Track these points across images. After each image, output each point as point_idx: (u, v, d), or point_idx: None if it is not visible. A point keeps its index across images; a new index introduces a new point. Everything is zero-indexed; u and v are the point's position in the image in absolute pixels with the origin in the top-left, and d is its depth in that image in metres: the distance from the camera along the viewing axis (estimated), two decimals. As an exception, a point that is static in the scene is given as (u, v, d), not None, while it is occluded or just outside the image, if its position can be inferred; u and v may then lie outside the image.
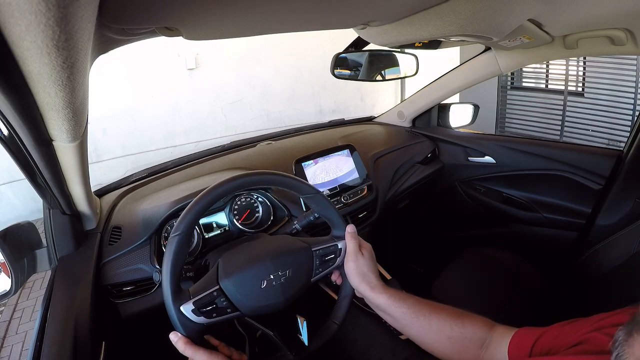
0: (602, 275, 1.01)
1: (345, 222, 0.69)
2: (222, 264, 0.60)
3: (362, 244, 0.68)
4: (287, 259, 0.62)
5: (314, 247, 0.65)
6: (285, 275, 0.60)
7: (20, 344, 2.02)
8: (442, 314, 0.58)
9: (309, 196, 0.66)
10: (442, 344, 0.57)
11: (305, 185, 0.66)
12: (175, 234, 0.55)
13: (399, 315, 0.60)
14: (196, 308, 0.54)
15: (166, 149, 3.74)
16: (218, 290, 0.56)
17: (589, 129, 3.54)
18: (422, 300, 0.61)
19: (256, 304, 0.58)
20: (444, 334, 0.56)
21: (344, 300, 0.68)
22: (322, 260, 0.65)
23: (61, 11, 0.24)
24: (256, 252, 0.63)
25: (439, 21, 0.62)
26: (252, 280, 0.58)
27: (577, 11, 0.73)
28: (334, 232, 0.69)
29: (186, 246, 0.57)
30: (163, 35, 0.51)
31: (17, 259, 0.64)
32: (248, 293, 0.58)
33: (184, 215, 0.56)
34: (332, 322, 0.68)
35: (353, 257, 0.65)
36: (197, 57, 3.68)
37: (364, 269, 0.65)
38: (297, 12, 0.54)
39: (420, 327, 0.59)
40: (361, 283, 0.64)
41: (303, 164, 1.03)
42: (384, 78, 1.21)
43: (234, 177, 0.60)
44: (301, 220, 0.75)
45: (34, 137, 0.44)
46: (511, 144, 1.34)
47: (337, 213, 0.68)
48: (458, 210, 1.53)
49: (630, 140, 1.10)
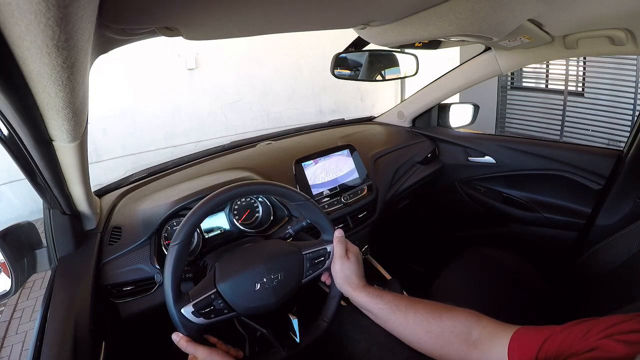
0: (602, 275, 1.01)
1: (333, 227, 0.73)
2: (219, 268, 0.64)
3: (349, 248, 0.72)
4: (279, 263, 0.66)
5: (305, 251, 0.69)
6: (277, 278, 0.64)
7: (20, 344, 2.02)
8: (419, 308, 0.60)
9: (299, 203, 0.70)
10: (421, 338, 0.58)
11: (296, 193, 0.70)
12: (174, 243, 0.59)
13: (377, 311, 0.63)
14: (196, 310, 0.58)
15: (166, 149, 3.74)
16: (215, 293, 0.60)
17: (589, 129, 3.54)
18: (401, 296, 0.64)
19: (250, 305, 0.62)
20: (422, 328, 0.58)
21: (333, 299, 0.72)
22: (312, 263, 0.69)
23: (61, 11, 0.24)
24: (250, 256, 0.67)
25: (439, 21, 0.62)
26: (246, 283, 0.62)
27: (577, 11, 0.73)
28: (324, 236, 0.73)
29: (185, 253, 0.61)
30: (163, 35, 0.51)
31: (17, 259, 0.64)
32: (243, 295, 0.62)
33: (182, 225, 0.60)
34: (322, 321, 0.72)
35: (339, 260, 0.70)
36: (197, 57, 3.68)
37: (347, 272, 0.69)
38: (297, 12, 0.54)
39: (397, 322, 0.61)
40: (344, 284, 0.69)
41: (303, 164, 1.03)
42: (384, 78, 1.21)
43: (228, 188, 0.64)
44: (294, 226, 0.79)
45: (34, 137, 0.44)
46: (511, 144, 1.34)
47: (327, 218, 0.73)
48: (458, 210, 1.53)
49: (630, 140, 1.10)
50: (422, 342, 0.58)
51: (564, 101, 3.68)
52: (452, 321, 0.56)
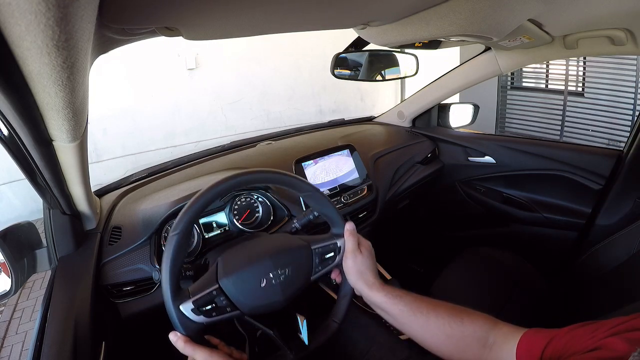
0: (602, 275, 1.01)
1: (344, 220, 0.68)
2: (222, 262, 0.60)
3: (361, 242, 0.67)
4: (286, 258, 0.61)
5: (314, 245, 0.65)
6: (284, 273, 0.60)
7: (20, 344, 2.02)
8: (440, 311, 0.57)
9: (307, 194, 0.66)
10: (442, 342, 0.56)
11: (303, 183, 0.66)
12: (173, 232, 0.55)
13: (396, 313, 0.59)
14: (196, 307, 0.54)
15: (166, 149, 3.73)
16: (217, 289, 0.56)
17: (589, 129, 3.54)
18: (421, 298, 0.60)
19: (256, 303, 0.58)
20: (443, 332, 0.55)
21: (344, 298, 0.68)
22: (322, 259, 0.65)
23: (61, 11, 0.24)
24: (256, 250, 0.62)
25: (439, 21, 0.62)
26: (251, 279, 0.58)
27: (577, 11, 0.73)
28: (333, 230, 0.68)
29: (185, 245, 0.57)
30: (163, 35, 0.51)
31: (17, 259, 0.64)
32: (248, 292, 0.58)
33: (182, 214, 0.56)
34: (332, 321, 0.67)
35: (351, 254, 0.65)
36: (197, 57, 3.69)
37: (361, 267, 0.64)
38: (297, 12, 0.54)
39: (418, 325, 0.58)
40: (358, 281, 0.64)
41: (303, 164, 1.03)
42: (384, 78, 1.21)
43: (232, 176, 0.59)
44: (301, 219, 0.75)
45: (34, 137, 0.44)
46: (511, 144, 1.34)
47: (336, 210, 0.68)
48: (458, 210, 1.53)
49: (630, 140, 1.10)
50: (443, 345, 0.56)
51: (564, 101, 3.68)
52: (472, 325, 0.54)
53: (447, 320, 0.55)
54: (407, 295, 0.60)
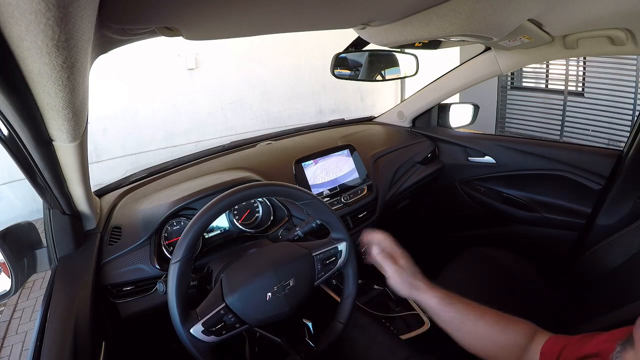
0: (602, 275, 1.01)
1: (343, 225, 0.69)
2: (226, 279, 0.60)
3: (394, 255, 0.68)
4: (289, 268, 0.62)
5: (314, 252, 0.66)
6: (288, 285, 0.61)
7: (20, 344, 2.02)
8: (487, 319, 0.60)
9: (305, 202, 0.67)
10: (486, 347, 0.60)
11: (301, 192, 0.66)
12: (175, 260, 0.56)
13: (447, 319, 0.62)
14: (205, 328, 0.55)
15: (166, 149, 3.74)
16: (225, 307, 0.57)
17: (589, 129, 3.54)
18: (469, 304, 0.63)
19: (263, 316, 0.59)
20: (489, 339, 0.59)
21: (348, 299, 0.69)
22: (324, 264, 0.66)
23: (61, 11, 0.24)
24: (258, 264, 0.63)
25: (439, 21, 0.62)
26: (257, 294, 0.59)
27: (577, 11, 0.73)
28: (333, 234, 0.70)
29: (188, 270, 0.57)
30: (163, 35, 0.51)
31: (17, 259, 0.64)
32: (254, 306, 0.59)
33: (182, 240, 0.57)
34: (337, 322, 0.68)
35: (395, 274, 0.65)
36: (197, 57, 3.69)
37: (408, 279, 0.65)
38: (297, 12, 0.54)
39: (466, 332, 0.61)
40: (411, 291, 0.65)
41: (303, 164, 1.03)
42: (384, 78, 1.21)
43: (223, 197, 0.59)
44: (303, 227, 0.76)
45: (34, 137, 0.44)
46: (511, 144, 1.34)
47: (335, 216, 0.69)
48: (458, 210, 1.53)
49: (630, 140, 1.10)
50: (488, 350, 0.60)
51: (564, 101, 3.68)
52: (515, 334, 0.58)
53: (494, 328, 0.59)
54: (457, 302, 0.63)
